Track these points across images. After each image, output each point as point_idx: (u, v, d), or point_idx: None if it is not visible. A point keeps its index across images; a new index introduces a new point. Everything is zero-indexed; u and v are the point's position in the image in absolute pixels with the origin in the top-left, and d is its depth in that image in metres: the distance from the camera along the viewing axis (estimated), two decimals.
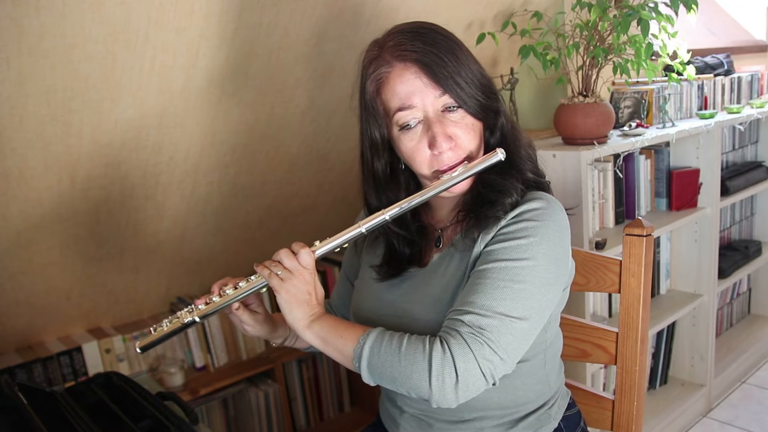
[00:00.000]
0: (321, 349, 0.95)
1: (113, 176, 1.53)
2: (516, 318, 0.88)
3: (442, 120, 0.95)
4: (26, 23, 1.10)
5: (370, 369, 0.89)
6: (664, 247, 2.25)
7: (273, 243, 2.05)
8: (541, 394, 1.05)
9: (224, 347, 2.02)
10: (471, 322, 0.87)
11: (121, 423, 1.04)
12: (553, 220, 0.95)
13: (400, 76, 0.95)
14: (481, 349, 0.85)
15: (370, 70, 0.98)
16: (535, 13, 1.79)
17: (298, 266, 0.94)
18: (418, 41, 0.94)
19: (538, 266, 0.91)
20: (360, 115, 1.02)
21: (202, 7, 1.26)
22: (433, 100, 0.94)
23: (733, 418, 2.28)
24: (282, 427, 2.10)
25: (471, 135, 0.97)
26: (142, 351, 1.02)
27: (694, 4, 1.62)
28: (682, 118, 2.26)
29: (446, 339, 0.87)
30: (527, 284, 0.90)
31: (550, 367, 1.06)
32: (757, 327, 2.80)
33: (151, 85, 1.36)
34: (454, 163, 0.96)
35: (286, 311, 0.94)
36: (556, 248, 0.94)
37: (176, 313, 1.02)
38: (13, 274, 1.60)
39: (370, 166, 1.03)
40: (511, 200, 0.96)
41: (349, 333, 0.92)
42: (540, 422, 1.04)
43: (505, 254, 0.91)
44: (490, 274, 0.90)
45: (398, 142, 0.98)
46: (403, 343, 0.88)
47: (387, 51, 0.96)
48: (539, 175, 1.04)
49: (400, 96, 0.95)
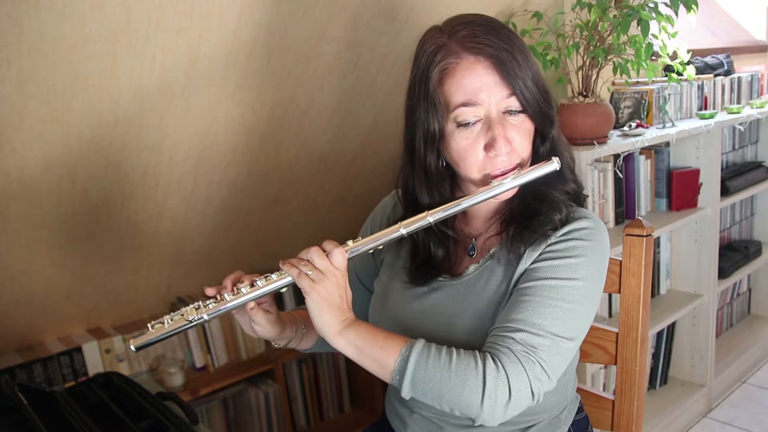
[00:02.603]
0: (354, 358, 0.88)
1: (113, 176, 1.53)
2: (566, 338, 0.87)
3: (503, 122, 0.90)
4: (26, 23, 1.10)
5: (414, 383, 0.84)
6: (664, 247, 2.25)
7: (273, 243, 2.05)
8: (557, 404, 1.04)
9: (224, 347, 2.02)
10: (523, 340, 0.84)
11: (121, 423, 1.04)
12: (600, 242, 0.94)
13: (469, 69, 0.88)
14: (534, 369, 0.83)
15: (436, 57, 0.90)
16: (535, 13, 1.79)
17: (330, 267, 0.87)
18: (493, 35, 0.89)
19: (587, 287, 0.89)
20: (415, 103, 0.93)
21: (202, 7, 1.26)
22: (500, 99, 0.89)
23: (733, 418, 2.27)
24: (282, 427, 2.10)
25: (527, 141, 0.93)
26: (137, 350, 0.92)
27: (694, 4, 1.62)
28: (682, 118, 2.26)
29: (498, 356, 0.84)
30: (577, 305, 0.88)
31: (569, 378, 1.06)
32: (757, 327, 2.80)
33: (151, 85, 1.36)
34: (507, 169, 0.91)
35: (316, 315, 0.87)
36: (601, 269, 0.93)
37: (180, 310, 0.91)
38: (13, 274, 1.60)
39: (423, 160, 0.95)
40: (561, 216, 0.93)
41: (389, 343, 0.86)
42: (550, 427, 1.03)
43: (555, 273, 0.89)
44: (539, 292, 0.88)
45: (451, 138, 0.92)
46: (452, 358, 0.84)
47: (456, 41, 0.89)
48: (579, 186, 1.01)
49: (466, 90, 0.89)
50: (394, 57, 1.65)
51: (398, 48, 1.63)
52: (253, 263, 2.02)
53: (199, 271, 1.99)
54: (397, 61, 1.66)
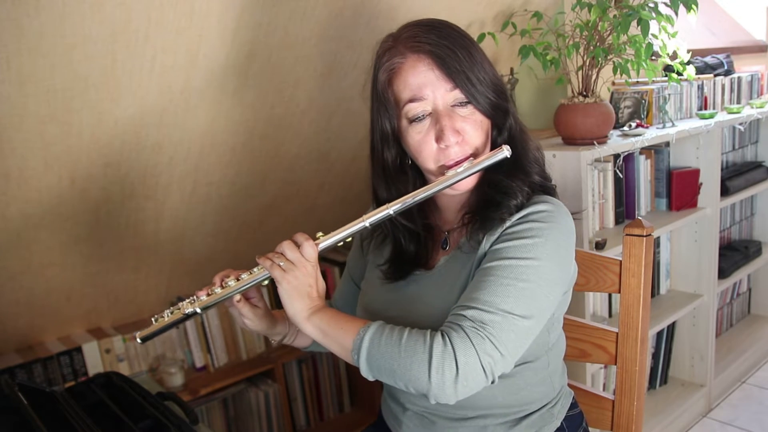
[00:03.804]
0: (321, 342, 0.94)
1: (113, 176, 1.53)
2: (518, 316, 0.88)
3: (451, 114, 0.95)
4: (26, 23, 1.10)
5: (369, 361, 0.88)
6: (664, 247, 2.25)
7: (273, 243, 2.05)
8: (544, 395, 1.05)
9: (224, 347, 2.02)
10: (473, 317, 0.87)
11: (121, 423, 1.04)
12: (559, 223, 0.95)
13: (412, 68, 0.95)
14: (483, 344, 0.85)
15: (383, 60, 0.98)
16: (535, 13, 1.79)
17: (300, 258, 0.94)
18: (433, 34, 0.94)
19: (542, 266, 0.91)
20: (371, 105, 1.01)
21: (202, 7, 1.26)
22: (444, 93, 0.94)
23: (733, 418, 2.27)
24: (282, 427, 2.10)
25: (479, 131, 0.97)
26: (143, 341, 1.02)
27: (694, 4, 1.62)
28: (682, 118, 2.26)
29: (447, 332, 0.86)
30: (531, 283, 0.90)
31: (554, 368, 1.06)
32: (757, 327, 2.80)
33: (151, 85, 1.36)
34: (460, 159, 0.96)
35: (287, 303, 0.94)
36: (560, 250, 0.94)
37: (177, 304, 1.02)
38: (13, 274, 1.60)
39: (380, 158, 1.02)
40: (516, 202, 0.96)
41: (349, 325, 0.92)
42: (543, 421, 1.04)
43: (510, 253, 0.91)
44: (494, 272, 0.90)
45: (406, 134, 0.98)
46: (403, 335, 0.88)
47: (401, 42, 0.96)
48: (546, 178, 1.04)
49: (411, 87, 0.94)
50: None
51: None
52: (252, 263, 2.02)
53: (199, 271, 1.99)
54: None
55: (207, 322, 1.98)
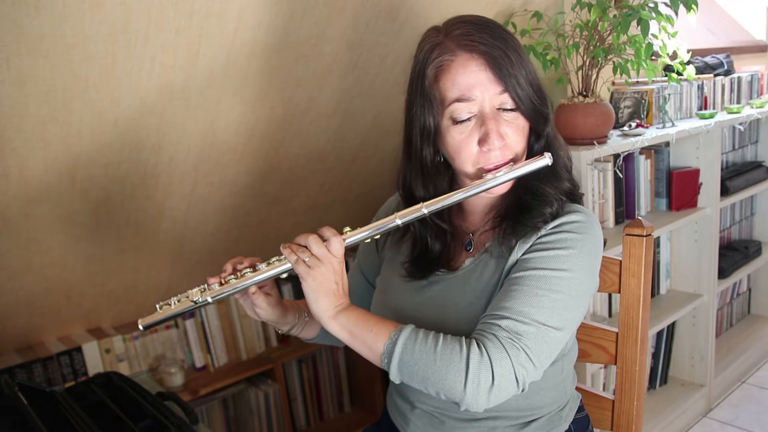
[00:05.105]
0: (346, 342, 0.91)
1: (113, 176, 1.53)
2: (552, 327, 0.88)
3: (497, 117, 0.93)
4: (26, 23, 1.10)
5: (401, 366, 0.87)
6: (664, 247, 2.25)
7: (273, 243, 2.05)
8: (556, 399, 1.05)
9: (224, 347, 2.02)
10: (509, 327, 0.86)
11: (121, 423, 1.04)
12: (592, 235, 0.95)
13: (463, 66, 0.92)
14: (518, 355, 0.85)
15: (432, 55, 0.93)
16: (535, 13, 1.79)
17: (327, 254, 0.90)
18: (486, 33, 0.92)
19: (575, 278, 0.91)
20: (412, 100, 0.97)
21: (202, 7, 1.26)
22: (493, 95, 0.92)
23: (733, 418, 2.28)
24: (282, 427, 2.10)
25: (521, 137, 0.95)
26: (145, 329, 0.96)
27: (694, 4, 1.62)
28: (682, 118, 2.26)
29: (483, 342, 0.85)
30: (564, 295, 0.89)
31: (567, 374, 1.06)
32: (757, 327, 2.80)
33: (151, 85, 1.36)
34: (500, 163, 0.94)
35: (312, 300, 0.91)
36: (592, 262, 0.95)
37: (186, 292, 0.96)
38: (13, 274, 1.60)
39: (419, 154, 0.98)
40: (552, 210, 0.95)
41: (379, 327, 0.89)
42: (551, 424, 1.04)
43: (544, 263, 0.91)
44: (528, 282, 0.90)
45: (446, 133, 0.95)
46: (438, 342, 0.86)
47: (452, 39, 0.93)
48: (574, 185, 1.03)
49: (460, 87, 0.92)
50: (394, 57, 1.65)
51: (398, 48, 1.63)
52: None
53: (199, 271, 1.99)
54: (397, 62, 1.66)
55: (207, 322, 1.98)
